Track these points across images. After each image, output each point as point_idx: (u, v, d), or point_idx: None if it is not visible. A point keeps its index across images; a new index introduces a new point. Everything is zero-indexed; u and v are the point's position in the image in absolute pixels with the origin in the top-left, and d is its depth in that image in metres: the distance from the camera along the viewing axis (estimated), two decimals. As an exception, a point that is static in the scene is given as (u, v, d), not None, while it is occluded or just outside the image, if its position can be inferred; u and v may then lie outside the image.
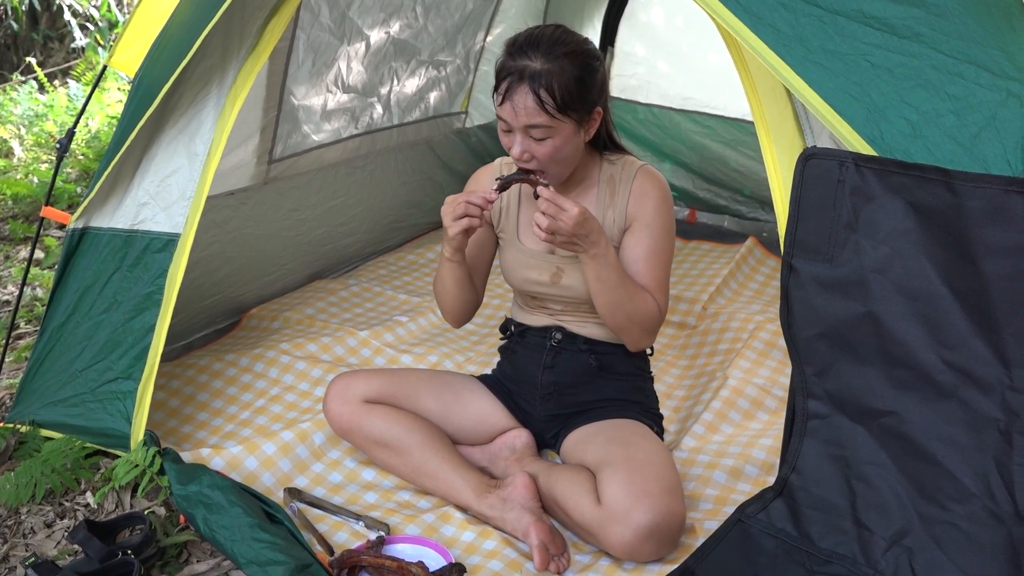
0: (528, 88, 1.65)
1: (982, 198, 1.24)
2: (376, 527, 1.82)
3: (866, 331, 1.36)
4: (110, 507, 1.95)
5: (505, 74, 1.68)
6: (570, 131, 1.70)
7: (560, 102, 1.65)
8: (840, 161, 1.35)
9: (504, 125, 1.72)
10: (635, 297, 1.76)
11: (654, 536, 1.63)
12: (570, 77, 1.66)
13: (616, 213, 1.83)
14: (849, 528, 1.39)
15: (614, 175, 1.85)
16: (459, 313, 1.96)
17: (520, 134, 1.70)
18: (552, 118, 1.66)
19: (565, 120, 1.68)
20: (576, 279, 1.83)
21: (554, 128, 1.68)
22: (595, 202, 1.85)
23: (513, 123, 1.69)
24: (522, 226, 1.90)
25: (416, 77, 3.30)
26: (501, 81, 1.69)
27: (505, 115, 1.69)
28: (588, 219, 1.68)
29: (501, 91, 1.69)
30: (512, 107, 1.67)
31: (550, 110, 1.65)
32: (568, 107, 1.67)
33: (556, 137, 1.69)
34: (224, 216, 2.66)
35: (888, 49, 1.34)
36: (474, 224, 1.73)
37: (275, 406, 2.30)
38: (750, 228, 3.45)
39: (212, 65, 1.99)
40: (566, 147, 1.72)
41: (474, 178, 1.99)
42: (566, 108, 1.66)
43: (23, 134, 4.73)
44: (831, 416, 1.42)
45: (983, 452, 1.28)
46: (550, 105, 1.65)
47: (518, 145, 1.71)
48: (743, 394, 2.24)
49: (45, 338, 2.16)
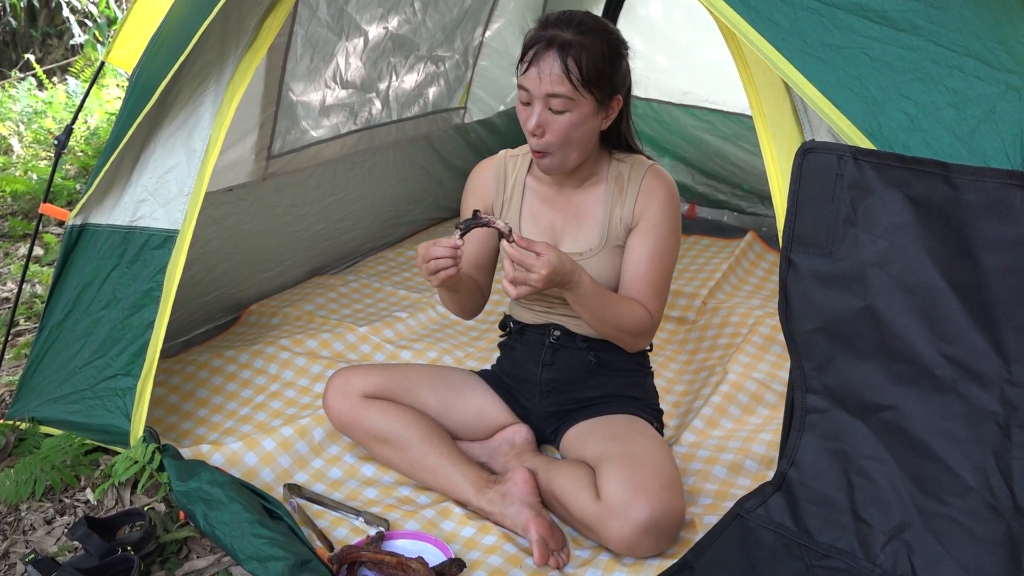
0: (556, 55, 1.63)
1: (981, 191, 1.24)
2: (376, 523, 1.82)
3: (865, 325, 1.35)
4: (110, 503, 1.95)
5: (533, 42, 1.67)
6: (589, 109, 1.68)
7: (585, 75, 1.63)
8: (838, 155, 1.34)
9: (524, 96, 1.69)
10: (622, 312, 1.76)
11: (653, 531, 1.63)
12: (598, 53, 1.65)
13: (624, 211, 1.81)
14: (848, 522, 1.39)
15: (623, 172, 1.83)
16: (468, 314, 1.97)
17: (539, 104, 1.67)
18: (575, 89, 1.64)
19: (587, 96, 1.66)
20: None
21: (575, 101, 1.65)
22: (603, 198, 1.83)
23: (535, 91, 1.66)
24: (524, 219, 1.89)
25: (415, 73, 3.30)
26: (528, 49, 1.67)
27: (528, 82, 1.67)
28: (558, 271, 1.63)
29: (527, 59, 1.66)
30: (537, 73, 1.64)
31: (574, 80, 1.63)
32: (592, 82, 1.65)
33: (575, 112, 1.67)
34: (223, 212, 2.65)
35: (886, 42, 1.33)
36: (450, 273, 1.68)
37: (274, 402, 2.30)
38: (749, 223, 3.45)
39: (210, 61, 1.99)
40: (582, 126, 1.69)
41: (476, 172, 1.97)
42: (590, 83, 1.64)
43: (22, 131, 4.73)
44: (830, 410, 1.42)
45: (982, 446, 1.28)
46: (575, 75, 1.63)
47: (535, 117, 1.68)
48: (742, 389, 2.24)
49: (44, 335, 2.16)
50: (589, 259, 1.81)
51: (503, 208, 1.92)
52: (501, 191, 1.91)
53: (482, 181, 1.94)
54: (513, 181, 1.90)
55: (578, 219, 1.85)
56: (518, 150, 1.95)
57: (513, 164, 1.92)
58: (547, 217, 1.87)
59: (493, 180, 1.93)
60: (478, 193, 1.93)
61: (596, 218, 1.83)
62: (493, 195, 1.92)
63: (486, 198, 1.92)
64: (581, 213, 1.84)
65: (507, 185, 1.91)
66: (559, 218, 1.86)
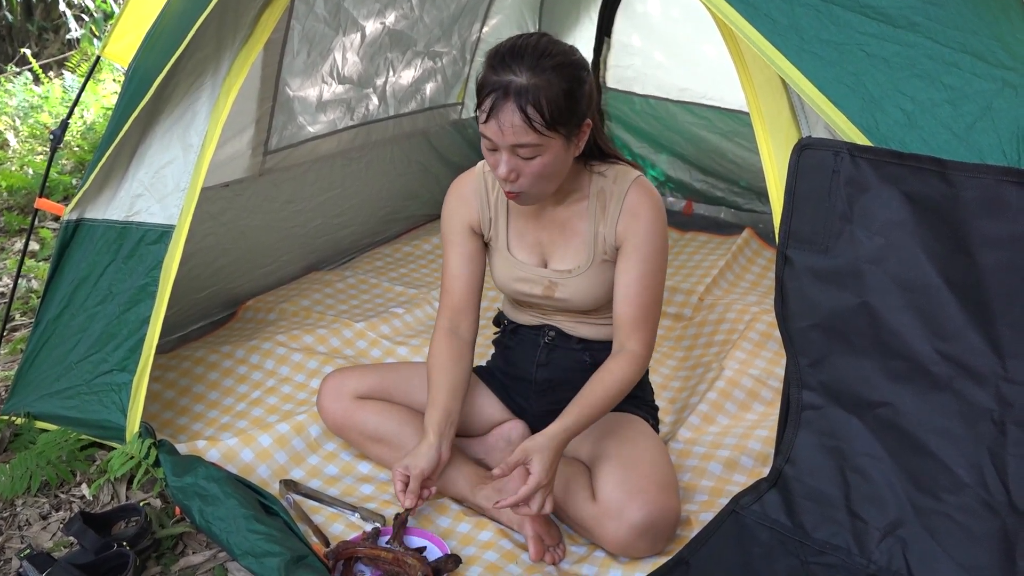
0: (514, 105, 1.53)
1: (977, 188, 1.24)
2: (372, 519, 1.82)
3: (861, 322, 1.35)
4: (106, 499, 1.95)
5: (489, 90, 1.56)
6: (559, 147, 1.60)
7: (549, 118, 1.54)
8: (835, 151, 1.34)
9: (489, 143, 1.60)
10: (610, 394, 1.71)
11: (649, 533, 1.63)
12: (558, 91, 1.55)
13: (607, 230, 1.75)
14: (843, 519, 1.40)
15: (604, 188, 1.75)
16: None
17: (507, 153, 1.59)
18: (540, 135, 1.55)
19: (554, 136, 1.57)
20: (570, 292, 1.79)
21: (543, 146, 1.57)
22: (586, 215, 1.77)
23: (499, 142, 1.58)
24: (512, 237, 1.84)
25: (412, 68, 3.29)
26: (485, 97, 1.57)
27: (490, 134, 1.58)
28: (552, 462, 1.60)
29: (485, 108, 1.57)
30: (498, 125, 1.55)
31: (538, 127, 1.54)
32: (557, 123, 1.56)
33: (545, 155, 1.59)
34: (219, 207, 2.65)
35: (884, 39, 1.33)
36: (425, 496, 1.72)
37: (271, 398, 2.30)
38: (747, 219, 3.44)
39: (206, 56, 1.98)
40: (555, 164, 1.62)
41: (455, 189, 1.89)
42: (555, 124, 1.56)
43: (18, 125, 4.71)
44: (825, 407, 1.42)
45: (977, 443, 1.28)
46: (538, 122, 1.54)
47: (504, 164, 1.60)
48: (739, 385, 2.24)
49: (40, 330, 2.16)
50: (578, 276, 1.78)
51: (490, 224, 1.86)
52: (486, 208, 1.85)
53: (465, 199, 1.86)
54: (495, 198, 1.84)
55: (564, 236, 1.80)
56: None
57: (493, 179, 1.85)
58: (533, 234, 1.82)
59: (475, 196, 1.86)
60: (462, 212, 1.86)
61: (582, 235, 1.78)
62: (478, 211, 1.85)
63: (471, 215, 1.86)
64: (567, 230, 1.80)
65: (490, 202, 1.85)
66: (545, 235, 1.82)
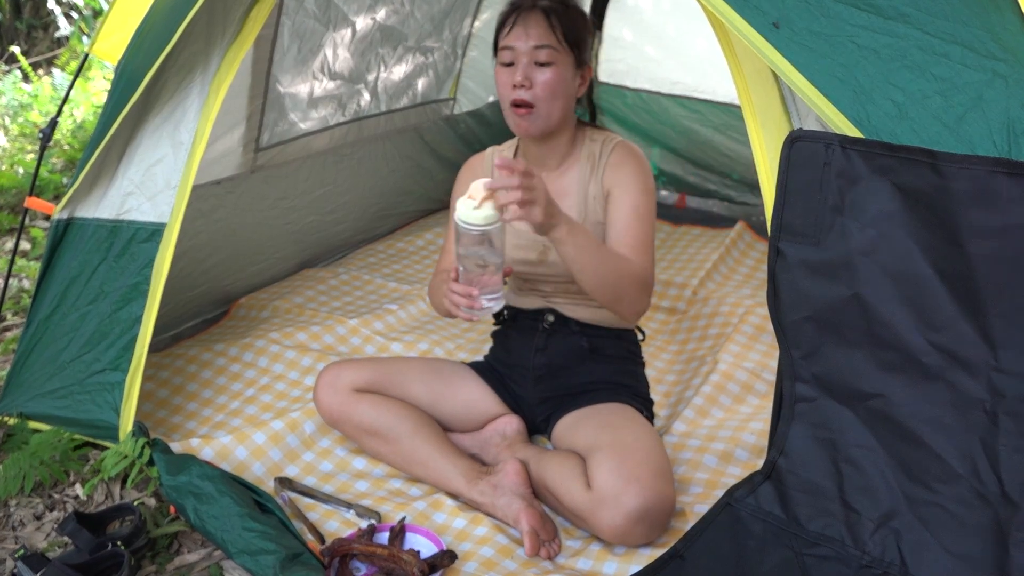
0: (540, 12, 1.76)
1: (968, 179, 1.24)
2: (367, 515, 1.82)
3: (853, 314, 1.35)
4: (99, 498, 1.94)
5: (514, 7, 1.80)
6: (569, 67, 1.78)
7: (566, 33, 1.76)
8: (826, 143, 1.34)
9: (507, 56, 1.77)
10: (616, 257, 1.73)
11: (644, 520, 1.64)
12: (577, 16, 1.80)
13: (595, 187, 1.85)
14: (837, 510, 1.40)
15: (594, 151, 1.88)
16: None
17: (525, 58, 1.75)
18: (559, 43, 1.75)
19: (568, 53, 1.77)
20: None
21: (559, 54, 1.76)
22: (577, 177, 1.87)
23: (522, 45, 1.75)
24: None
25: (403, 63, 3.28)
26: (510, 13, 1.79)
27: (514, 39, 1.76)
28: (546, 190, 1.58)
29: (510, 21, 1.78)
30: (524, 28, 1.75)
31: (559, 35, 1.75)
32: (571, 41, 1.77)
33: (558, 66, 1.75)
34: (211, 205, 2.64)
35: (874, 30, 1.33)
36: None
37: (265, 395, 2.30)
38: (739, 212, 3.45)
39: (195, 52, 1.97)
40: (563, 84, 1.77)
41: (466, 167, 2.01)
42: (570, 41, 1.77)
43: (8, 124, 4.69)
44: (818, 399, 1.42)
45: (969, 433, 1.28)
46: (559, 31, 1.75)
47: (520, 71, 1.75)
48: (733, 378, 2.24)
49: (32, 330, 2.15)
50: None
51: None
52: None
53: (474, 170, 1.98)
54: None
55: (558, 199, 1.84)
56: (504, 144, 1.96)
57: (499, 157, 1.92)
58: None
59: (483, 171, 1.96)
60: (470, 181, 1.93)
61: (573, 197, 1.86)
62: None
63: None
64: (560, 195, 1.86)
65: (495, 175, 1.90)
66: None
